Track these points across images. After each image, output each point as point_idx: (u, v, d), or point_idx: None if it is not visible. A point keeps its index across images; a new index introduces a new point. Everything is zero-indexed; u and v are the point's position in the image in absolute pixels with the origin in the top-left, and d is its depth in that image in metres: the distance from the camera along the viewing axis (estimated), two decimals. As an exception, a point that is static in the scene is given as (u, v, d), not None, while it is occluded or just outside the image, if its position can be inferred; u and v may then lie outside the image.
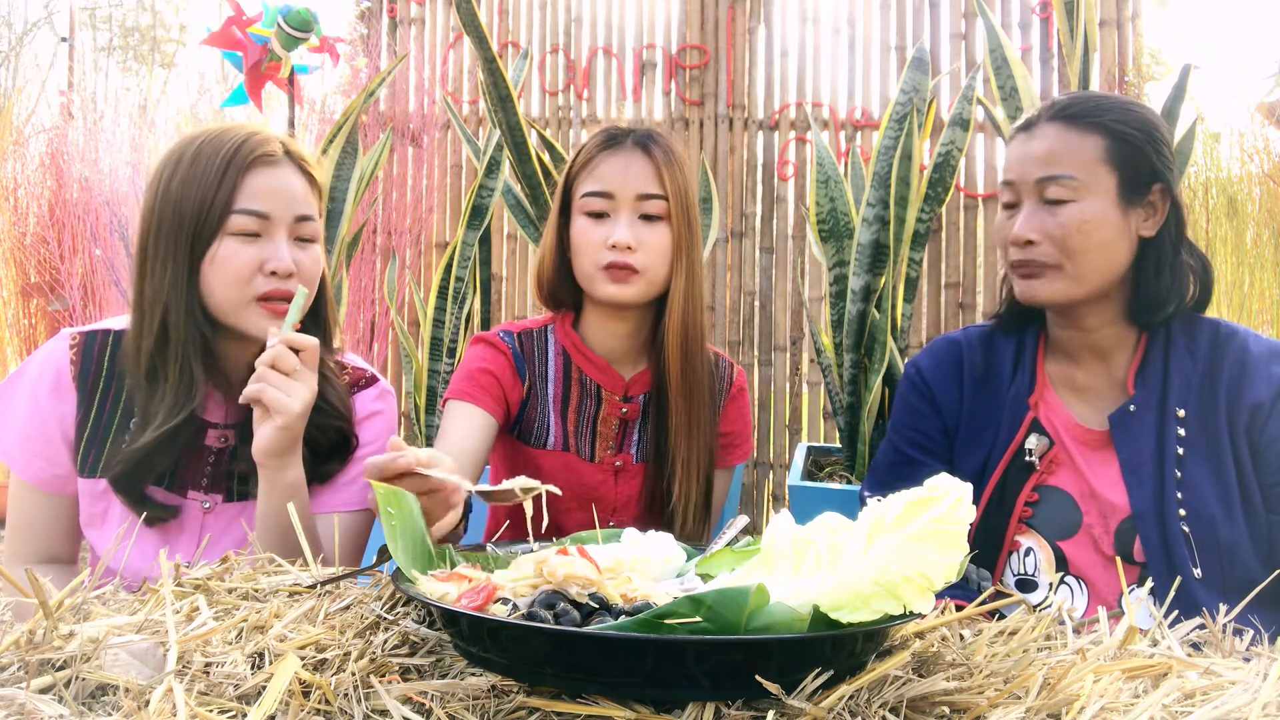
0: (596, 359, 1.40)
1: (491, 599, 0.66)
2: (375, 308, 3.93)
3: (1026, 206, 1.19)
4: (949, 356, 1.34)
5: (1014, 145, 1.24)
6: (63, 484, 1.18)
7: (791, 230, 4.14)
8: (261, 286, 1.15)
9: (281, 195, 1.17)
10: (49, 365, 1.19)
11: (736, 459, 1.50)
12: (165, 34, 13.05)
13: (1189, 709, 0.60)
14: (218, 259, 1.14)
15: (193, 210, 1.13)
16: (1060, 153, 1.17)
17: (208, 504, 1.20)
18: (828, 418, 4.00)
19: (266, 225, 1.15)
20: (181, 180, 1.14)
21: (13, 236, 3.63)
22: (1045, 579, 1.20)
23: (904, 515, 0.66)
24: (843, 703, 0.58)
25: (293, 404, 1.06)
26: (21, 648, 0.62)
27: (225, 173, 1.14)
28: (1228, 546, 1.12)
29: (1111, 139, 1.17)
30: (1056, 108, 1.21)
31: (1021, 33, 4.00)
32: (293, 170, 1.20)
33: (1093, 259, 1.16)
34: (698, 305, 1.35)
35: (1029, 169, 1.19)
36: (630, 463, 1.41)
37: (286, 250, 1.16)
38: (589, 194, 1.33)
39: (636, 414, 1.41)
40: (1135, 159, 1.17)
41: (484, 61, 2.16)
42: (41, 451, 1.17)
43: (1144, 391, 1.20)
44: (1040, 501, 1.22)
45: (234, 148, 1.15)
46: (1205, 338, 1.21)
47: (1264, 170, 3.61)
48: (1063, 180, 1.16)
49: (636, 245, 1.30)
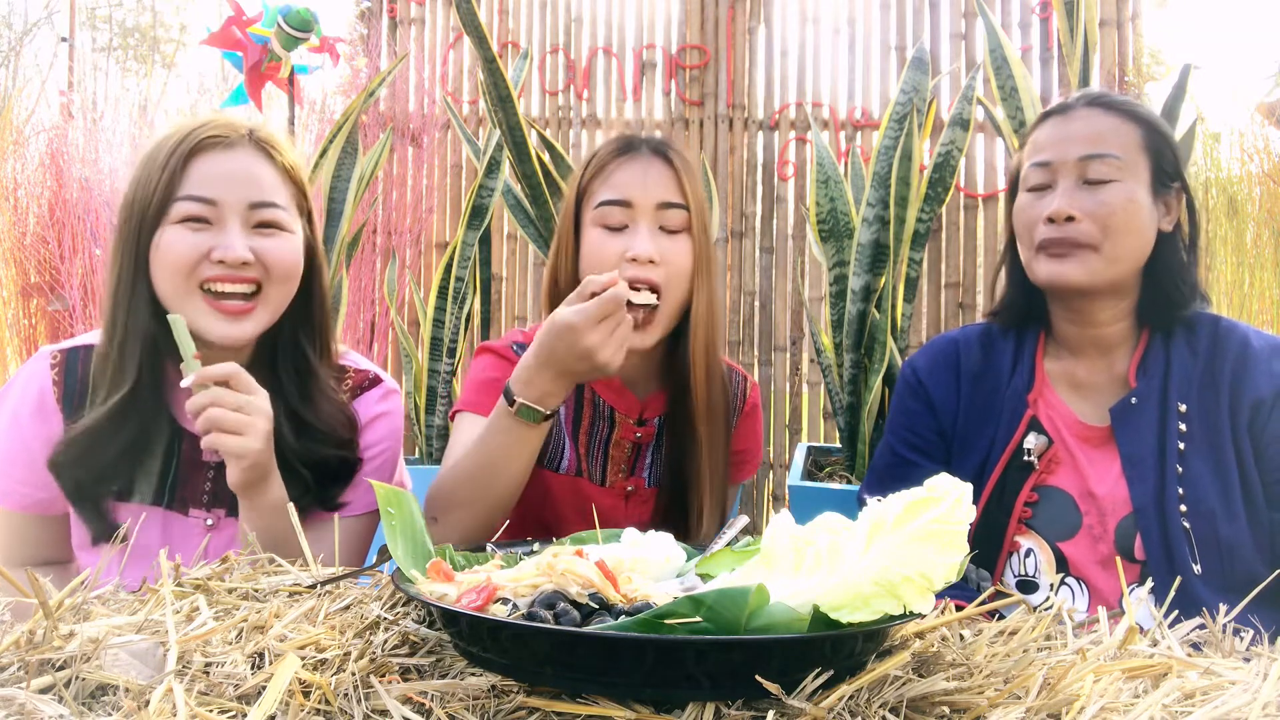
0: (611, 380, 1.31)
1: (491, 599, 0.66)
2: (375, 308, 3.92)
3: (1064, 185, 1.19)
4: (946, 356, 1.33)
5: (1048, 128, 1.23)
6: (48, 506, 1.15)
7: (791, 230, 4.14)
8: (206, 273, 1.08)
9: (233, 180, 1.10)
10: (31, 387, 1.15)
11: (746, 474, 1.44)
12: (165, 34, 13.05)
13: (1189, 709, 0.60)
14: (160, 247, 1.08)
15: (138, 203, 1.09)
16: (1105, 133, 1.18)
17: (210, 520, 1.17)
18: (828, 418, 4.00)
19: (215, 212, 1.09)
20: (136, 176, 1.11)
21: (13, 236, 3.63)
22: (1045, 580, 1.20)
23: (904, 515, 0.66)
24: (843, 703, 0.57)
25: (251, 443, 1.02)
26: (21, 648, 0.62)
27: (169, 160, 1.09)
28: (1228, 543, 1.12)
29: (1147, 130, 1.19)
30: (1093, 96, 1.22)
31: (1021, 33, 4.01)
32: (255, 156, 1.13)
33: (1129, 242, 1.17)
34: (717, 324, 1.28)
35: (1070, 148, 1.19)
36: (642, 487, 1.34)
37: (239, 238, 1.09)
38: (605, 203, 1.23)
39: (650, 437, 1.34)
40: (1165, 152, 1.19)
41: (484, 61, 2.16)
42: (23, 477, 1.14)
43: (1145, 384, 1.20)
44: (1040, 502, 1.22)
45: (183, 135, 1.10)
46: (1206, 333, 1.21)
47: (1264, 170, 3.61)
48: (1108, 159, 1.17)
49: (659, 259, 1.21)
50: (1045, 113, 1.26)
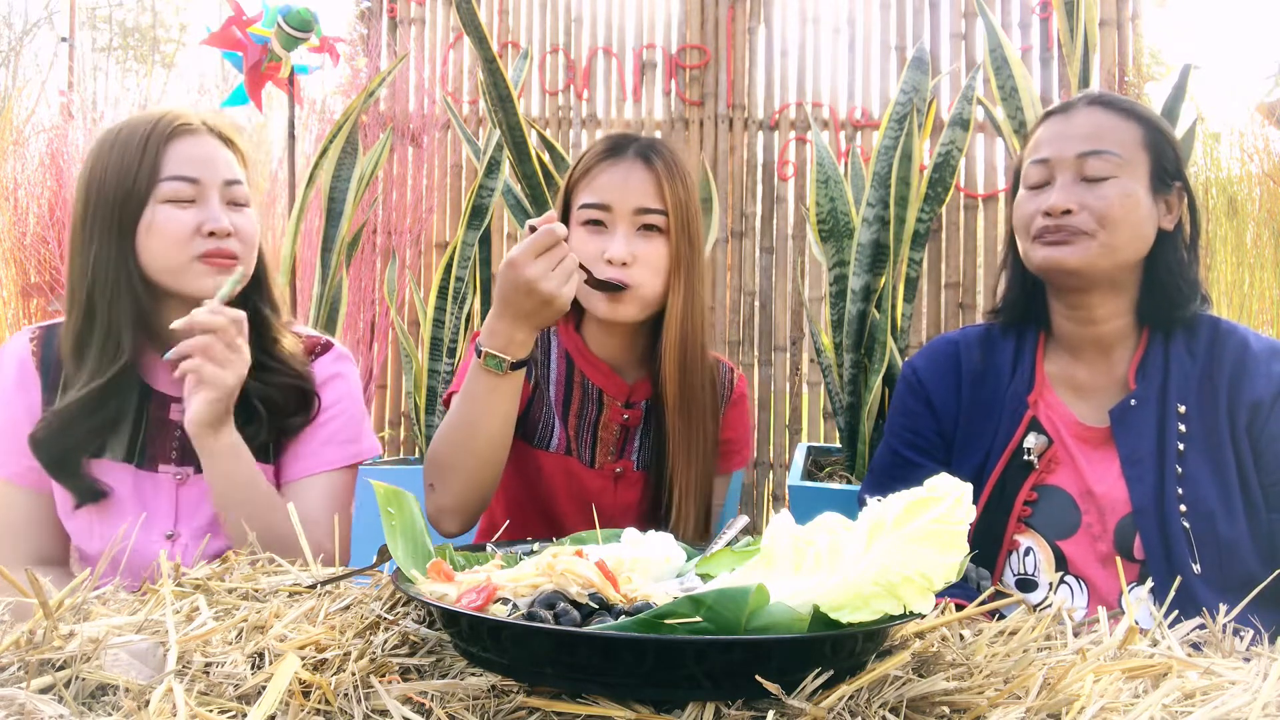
0: (599, 363, 1.38)
1: (491, 599, 0.66)
2: (375, 308, 3.92)
3: (1062, 180, 1.20)
4: (946, 357, 1.34)
5: (1049, 126, 1.24)
6: (38, 477, 1.21)
7: (791, 230, 4.14)
8: (201, 247, 1.19)
9: (208, 162, 1.22)
10: (11, 359, 1.24)
11: (735, 465, 1.48)
12: (165, 34, 13.05)
13: (1189, 709, 0.60)
14: (155, 225, 1.18)
15: (118, 186, 1.18)
16: (1104, 131, 1.19)
17: (179, 476, 1.24)
18: (828, 418, 3.99)
19: (198, 190, 1.20)
20: (105, 163, 1.19)
21: (13, 236, 3.63)
22: (1045, 579, 1.20)
23: (904, 515, 0.66)
24: (843, 703, 0.57)
25: (227, 377, 1.12)
26: (21, 648, 0.62)
27: (146, 146, 1.19)
28: (1227, 543, 1.12)
29: (1147, 129, 1.20)
30: (1094, 96, 1.24)
31: (1021, 33, 4.01)
32: (215, 141, 1.25)
33: (1126, 233, 1.17)
34: (696, 321, 1.33)
35: (1069, 145, 1.20)
36: (630, 469, 1.39)
37: (222, 212, 1.21)
38: (586, 205, 1.31)
39: (638, 420, 1.39)
40: (1165, 151, 1.20)
41: (484, 61, 2.16)
42: (13, 446, 1.20)
43: (1145, 386, 1.20)
44: (1039, 501, 1.22)
45: (152, 123, 1.21)
46: (1205, 335, 1.21)
47: (1264, 170, 3.61)
48: (1106, 155, 1.17)
49: (632, 260, 1.28)
50: (1047, 112, 1.27)
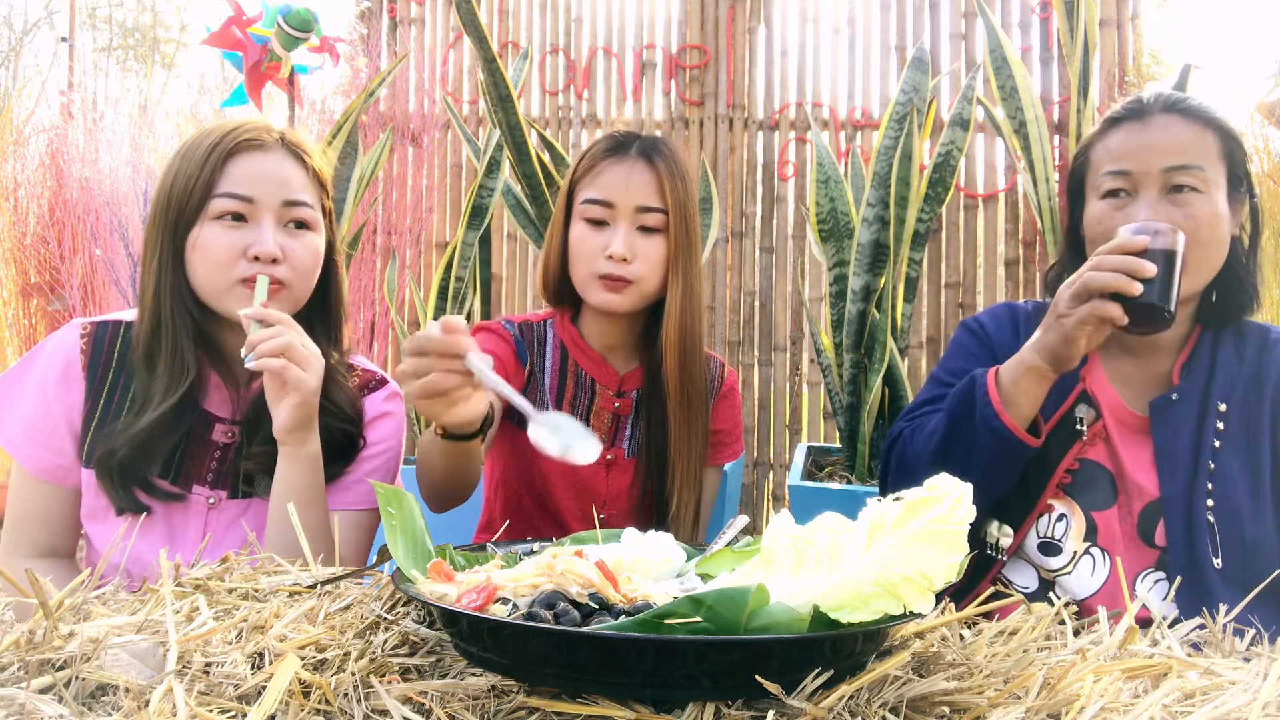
0: (592, 353, 1.42)
1: (491, 599, 0.66)
2: (375, 308, 3.92)
3: (1148, 196, 1.16)
4: (1008, 317, 1.34)
5: (1124, 134, 1.20)
6: (64, 474, 1.19)
7: (791, 230, 4.14)
8: (244, 271, 1.15)
9: (268, 180, 1.17)
10: (59, 354, 1.19)
11: (726, 457, 1.52)
12: (165, 34, 13.05)
13: (1189, 709, 0.60)
14: (200, 243, 1.15)
15: (178, 197, 1.16)
16: (1187, 143, 1.15)
17: (212, 499, 1.20)
18: (828, 418, 3.99)
19: (251, 209, 1.16)
20: (173, 172, 1.18)
21: (13, 236, 3.63)
22: (1070, 546, 1.20)
23: (904, 515, 0.66)
24: (843, 703, 0.57)
25: (309, 379, 1.10)
26: (21, 648, 0.62)
27: (208, 158, 1.16)
28: (1252, 541, 1.12)
29: (1223, 137, 1.17)
30: (1169, 100, 1.19)
31: (1021, 33, 4.00)
32: (286, 158, 1.21)
33: (1212, 254, 1.15)
34: (694, 315, 1.37)
35: (1153, 158, 1.16)
36: (622, 457, 1.43)
37: (272, 235, 1.16)
38: (589, 201, 1.35)
39: (629, 409, 1.44)
40: (1238, 158, 1.18)
41: (484, 61, 2.16)
42: (46, 441, 1.18)
43: (1188, 383, 1.21)
44: (1080, 470, 1.22)
45: (220, 135, 1.17)
46: (1254, 341, 1.22)
47: (1264, 170, 3.60)
48: (1193, 170, 1.14)
49: (632, 257, 1.32)
50: (1115, 116, 1.22)
